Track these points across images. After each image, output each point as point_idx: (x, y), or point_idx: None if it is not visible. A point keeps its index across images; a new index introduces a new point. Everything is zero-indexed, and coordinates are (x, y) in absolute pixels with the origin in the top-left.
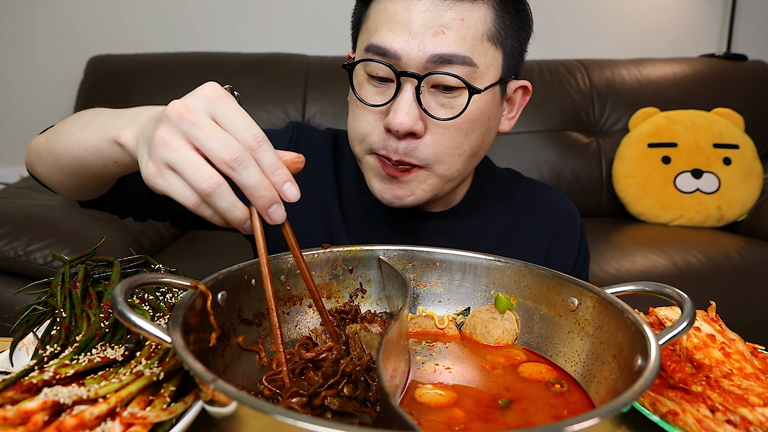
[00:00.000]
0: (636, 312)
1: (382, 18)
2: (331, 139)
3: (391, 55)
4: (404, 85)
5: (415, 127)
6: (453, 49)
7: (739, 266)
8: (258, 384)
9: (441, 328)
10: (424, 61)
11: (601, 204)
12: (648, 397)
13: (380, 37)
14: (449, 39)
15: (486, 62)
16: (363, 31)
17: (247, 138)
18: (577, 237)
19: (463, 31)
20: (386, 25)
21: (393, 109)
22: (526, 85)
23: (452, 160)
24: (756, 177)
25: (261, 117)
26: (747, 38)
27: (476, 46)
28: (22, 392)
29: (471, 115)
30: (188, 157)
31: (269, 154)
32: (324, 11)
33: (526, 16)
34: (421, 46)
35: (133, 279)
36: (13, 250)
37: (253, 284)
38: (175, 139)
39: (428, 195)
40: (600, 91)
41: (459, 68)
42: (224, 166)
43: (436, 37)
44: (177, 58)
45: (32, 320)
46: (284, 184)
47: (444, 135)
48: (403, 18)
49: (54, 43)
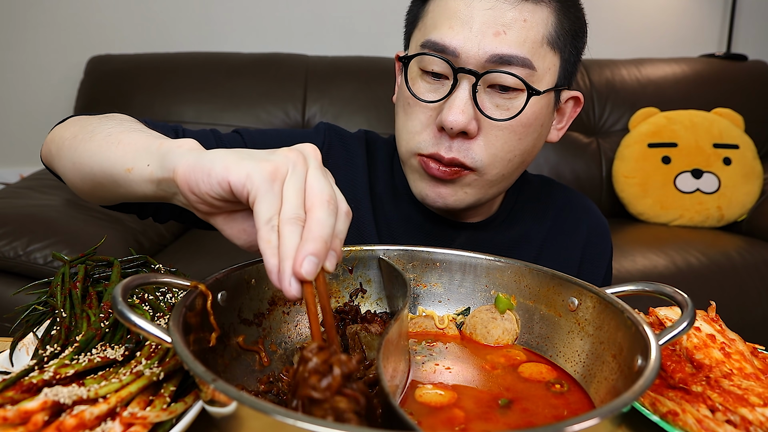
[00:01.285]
0: (636, 312)
1: (442, 15)
2: (364, 143)
3: (450, 51)
4: (461, 81)
5: (469, 126)
6: (513, 50)
7: (739, 266)
8: (258, 384)
9: (441, 328)
10: (483, 60)
11: (601, 204)
12: (648, 397)
13: (439, 34)
14: (510, 39)
15: (544, 66)
16: (419, 28)
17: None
18: (608, 246)
19: (524, 32)
20: (446, 22)
21: (447, 106)
22: (578, 96)
23: (501, 165)
24: (756, 177)
25: (261, 117)
26: (747, 38)
27: (536, 49)
28: (22, 392)
29: (527, 119)
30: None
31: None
32: (324, 11)
33: (583, 25)
34: (482, 45)
35: (133, 279)
36: (13, 250)
37: (253, 284)
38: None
39: (472, 199)
40: (600, 91)
41: (518, 70)
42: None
43: (497, 37)
44: (177, 58)
45: (32, 320)
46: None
47: (498, 137)
48: (464, 15)
49: (54, 43)
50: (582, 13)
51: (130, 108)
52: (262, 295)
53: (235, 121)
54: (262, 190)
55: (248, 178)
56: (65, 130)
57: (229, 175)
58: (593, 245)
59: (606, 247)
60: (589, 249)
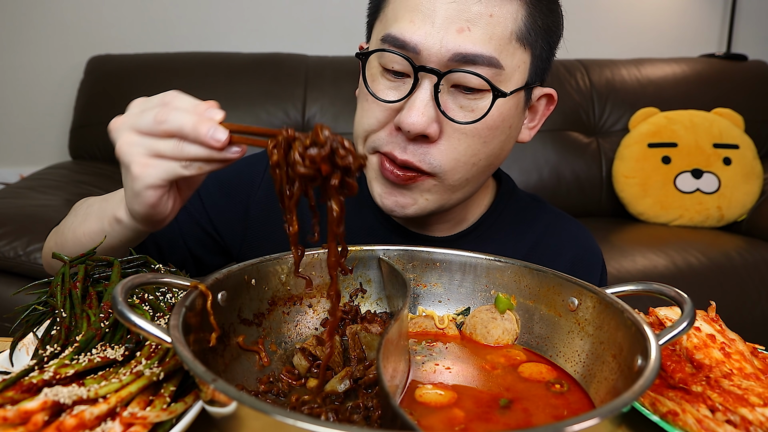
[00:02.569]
0: (636, 312)
1: (404, 7)
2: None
3: (410, 48)
4: (422, 81)
5: (429, 129)
6: (478, 47)
7: (739, 266)
8: (258, 384)
9: (441, 328)
10: (446, 59)
11: (601, 204)
12: (648, 397)
13: (400, 28)
14: (475, 36)
15: (513, 64)
16: (381, 19)
17: (161, 99)
18: (595, 280)
19: (490, 28)
20: (407, 15)
21: (407, 107)
22: (551, 93)
23: (464, 169)
24: (756, 177)
25: (261, 117)
26: (747, 38)
27: (504, 46)
28: (22, 392)
29: (493, 121)
30: (147, 141)
31: (184, 98)
32: (324, 11)
33: (558, 18)
34: (444, 42)
35: (133, 279)
36: (13, 250)
37: (253, 284)
38: (129, 135)
39: (433, 205)
40: (600, 91)
41: (483, 69)
42: (158, 126)
43: (461, 34)
44: (177, 58)
45: (32, 320)
46: (206, 111)
47: (461, 141)
48: (426, 8)
49: (54, 43)
50: (557, 5)
51: None
52: (262, 295)
53: (235, 121)
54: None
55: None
56: (50, 241)
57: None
58: (577, 275)
59: (592, 281)
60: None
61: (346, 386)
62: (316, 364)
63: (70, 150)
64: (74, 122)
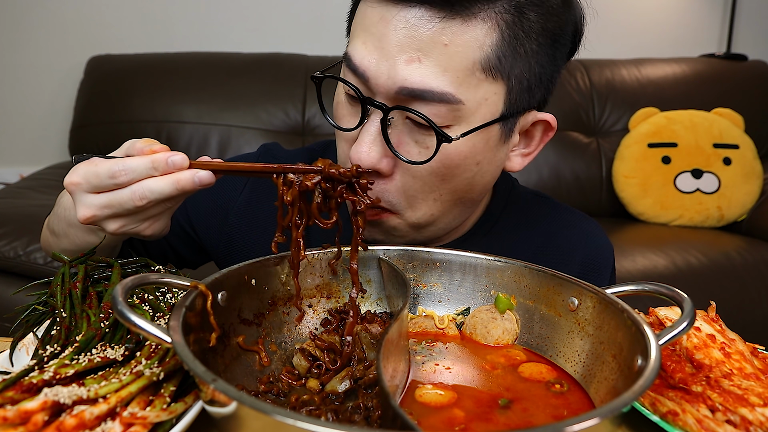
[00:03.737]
0: (636, 312)
1: (360, 25)
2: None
3: (360, 74)
4: (371, 114)
5: (380, 165)
6: (427, 82)
7: (739, 266)
8: (258, 384)
9: (441, 328)
10: (393, 92)
11: (601, 204)
12: (648, 397)
13: (354, 48)
14: (425, 69)
15: (477, 97)
16: (350, 29)
17: (107, 164)
18: (604, 281)
19: (445, 59)
20: (361, 35)
21: (358, 139)
22: (548, 120)
23: (426, 206)
24: (756, 177)
25: (261, 117)
26: (747, 38)
27: (464, 79)
28: (22, 392)
29: (449, 161)
30: (102, 200)
31: (136, 159)
32: (324, 11)
33: (563, 41)
34: (392, 73)
35: (133, 279)
36: (13, 250)
37: (253, 284)
38: (87, 198)
39: (404, 241)
40: (600, 91)
41: (434, 106)
42: (114, 181)
43: (410, 65)
44: (177, 58)
45: (32, 320)
46: (167, 159)
47: (415, 179)
48: (377, 31)
49: (54, 43)
50: (559, 9)
51: (130, 108)
52: (262, 295)
53: (235, 121)
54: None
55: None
56: (45, 233)
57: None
58: (586, 278)
59: (602, 281)
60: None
61: (346, 386)
62: (316, 364)
63: (70, 150)
64: (74, 122)
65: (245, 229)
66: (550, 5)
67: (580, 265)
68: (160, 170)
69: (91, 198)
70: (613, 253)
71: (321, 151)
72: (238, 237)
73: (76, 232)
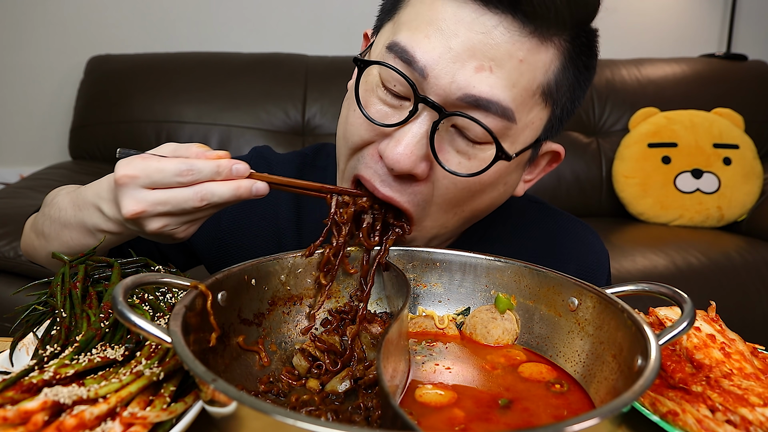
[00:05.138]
0: (636, 312)
1: (423, 16)
2: (296, 168)
3: (417, 67)
4: (421, 113)
5: (417, 169)
6: (496, 93)
7: (739, 266)
8: (258, 384)
9: (441, 328)
10: (455, 96)
11: (601, 204)
12: (648, 397)
13: (411, 39)
14: (495, 80)
15: (527, 120)
16: (394, 20)
17: (175, 162)
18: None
19: (516, 74)
20: (424, 28)
21: (396, 137)
22: (558, 151)
23: (444, 218)
24: (756, 177)
25: (261, 117)
26: (747, 38)
27: (525, 99)
28: (22, 392)
29: (489, 178)
30: (160, 196)
31: (202, 161)
32: (324, 11)
33: (591, 73)
34: (458, 77)
35: (133, 279)
36: (13, 250)
37: (253, 284)
38: (141, 193)
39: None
40: (600, 91)
41: (493, 119)
42: (187, 177)
43: (479, 73)
44: (177, 58)
45: (32, 320)
46: (231, 166)
47: (448, 189)
48: (447, 27)
49: (54, 43)
50: (594, 60)
51: (130, 108)
52: (262, 295)
53: (235, 121)
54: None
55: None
56: (29, 235)
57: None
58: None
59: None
60: None
61: (346, 386)
62: (316, 364)
63: (70, 150)
64: (74, 122)
65: (237, 233)
66: (592, 39)
67: (574, 272)
68: (223, 176)
69: (145, 193)
70: (608, 260)
71: (312, 155)
72: (230, 240)
73: (71, 233)
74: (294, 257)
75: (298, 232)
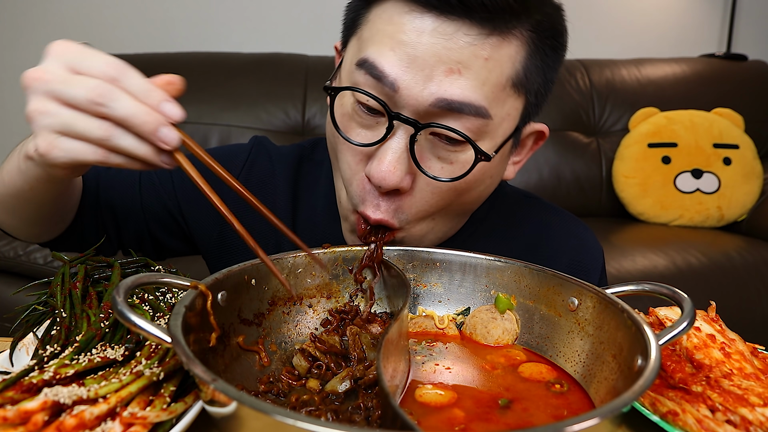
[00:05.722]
0: (636, 312)
1: (385, 30)
2: (295, 161)
3: (388, 83)
4: (396, 130)
5: (402, 183)
6: (467, 95)
7: (739, 266)
8: (258, 384)
9: (441, 328)
10: (427, 104)
11: (601, 204)
12: (648, 397)
13: (378, 54)
14: (465, 82)
15: (503, 113)
16: (358, 36)
17: (105, 70)
18: (593, 283)
19: (485, 73)
20: (387, 41)
21: (377, 157)
22: (542, 130)
23: (433, 222)
24: (756, 177)
25: (261, 117)
26: (747, 38)
27: (497, 94)
28: (22, 392)
29: (472, 177)
30: (67, 115)
31: (135, 78)
32: (324, 11)
33: (562, 52)
34: (428, 84)
35: (133, 279)
36: (13, 250)
37: (253, 284)
38: (45, 103)
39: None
40: (600, 91)
41: (469, 120)
42: (94, 107)
43: (449, 77)
44: (177, 58)
45: (32, 320)
46: (161, 103)
47: (433, 194)
48: (411, 39)
49: None
50: (562, 38)
51: None
52: (262, 295)
53: (235, 121)
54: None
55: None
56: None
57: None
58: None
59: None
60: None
61: (346, 386)
62: (317, 364)
63: None
64: None
65: (244, 218)
66: (556, 19)
67: (567, 267)
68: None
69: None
70: (602, 256)
71: (310, 148)
72: (230, 234)
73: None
74: (294, 257)
75: (293, 229)
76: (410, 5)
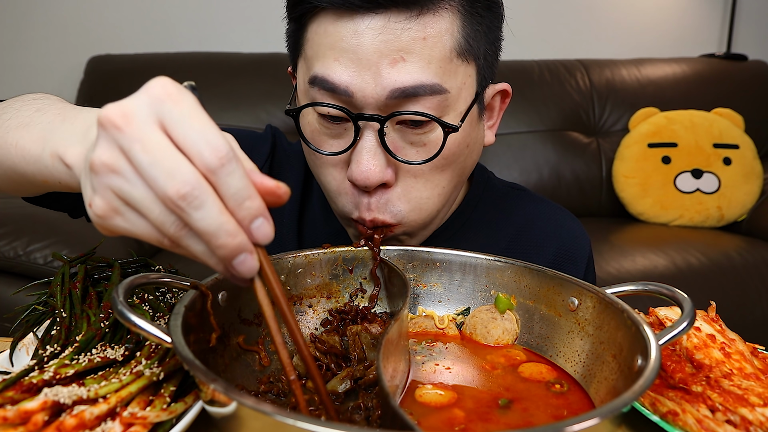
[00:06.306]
0: (636, 312)
1: (325, 44)
2: (305, 158)
3: (342, 91)
4: (364, 130)
5: (385, 177)
6: (417, 77)
7: (739, 266)
8: (258, 384)
9: (441, 328)
10: (384, 98)
11: (601, 204)
12: (648, 397)
13: (325, 68)
14: (411, 66)
15: (458, 83)
16: (303, 57)
17: (205, 155)
18: (580, 272)
19: (427, 52)
20: (330, 53)
21: (354, 160)
22: (505, 89)
23: (430, 203)
24: (756, 177)
25: (261, 117)
26: (747, 38)
27: (445, 67)
28: (22, 392)
29: (448, 151)
30: (140, 194)
31: (236, 176)
32: None
33: (498, 10)
34: (378, 80)
35: (133, 279)
36: (13, 250)
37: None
38: (119, 161)
39: (416, 243)
40: (600, 91)
41: (428, 100)
42: (172, 206)
43: (395, 66)
44: (177, 58)
45: (32, 320)
46: (254, 220)
47: (417, 179)
48: (350, 44)
49: (54, 43)
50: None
51: None
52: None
53: (235, 121)
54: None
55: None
56: None
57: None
58: (560, 267)
59: (577, 274)
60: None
61: (346, 386)
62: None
63: None
64: None
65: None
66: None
67: (553, 256)
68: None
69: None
70: (589, 245)
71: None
72: None
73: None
74: (294, 257)
75: (299, 232)
76: (338, 12)
